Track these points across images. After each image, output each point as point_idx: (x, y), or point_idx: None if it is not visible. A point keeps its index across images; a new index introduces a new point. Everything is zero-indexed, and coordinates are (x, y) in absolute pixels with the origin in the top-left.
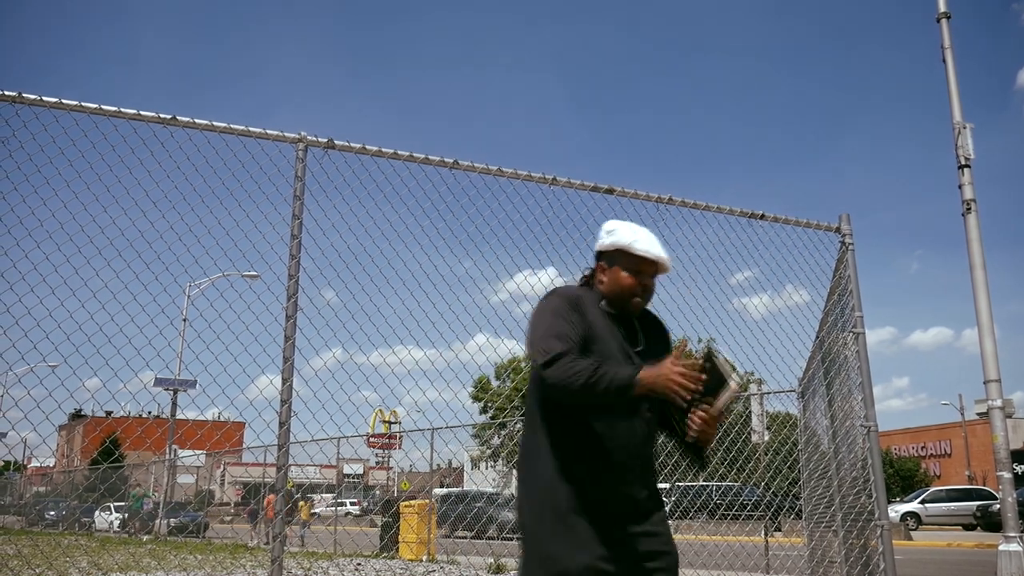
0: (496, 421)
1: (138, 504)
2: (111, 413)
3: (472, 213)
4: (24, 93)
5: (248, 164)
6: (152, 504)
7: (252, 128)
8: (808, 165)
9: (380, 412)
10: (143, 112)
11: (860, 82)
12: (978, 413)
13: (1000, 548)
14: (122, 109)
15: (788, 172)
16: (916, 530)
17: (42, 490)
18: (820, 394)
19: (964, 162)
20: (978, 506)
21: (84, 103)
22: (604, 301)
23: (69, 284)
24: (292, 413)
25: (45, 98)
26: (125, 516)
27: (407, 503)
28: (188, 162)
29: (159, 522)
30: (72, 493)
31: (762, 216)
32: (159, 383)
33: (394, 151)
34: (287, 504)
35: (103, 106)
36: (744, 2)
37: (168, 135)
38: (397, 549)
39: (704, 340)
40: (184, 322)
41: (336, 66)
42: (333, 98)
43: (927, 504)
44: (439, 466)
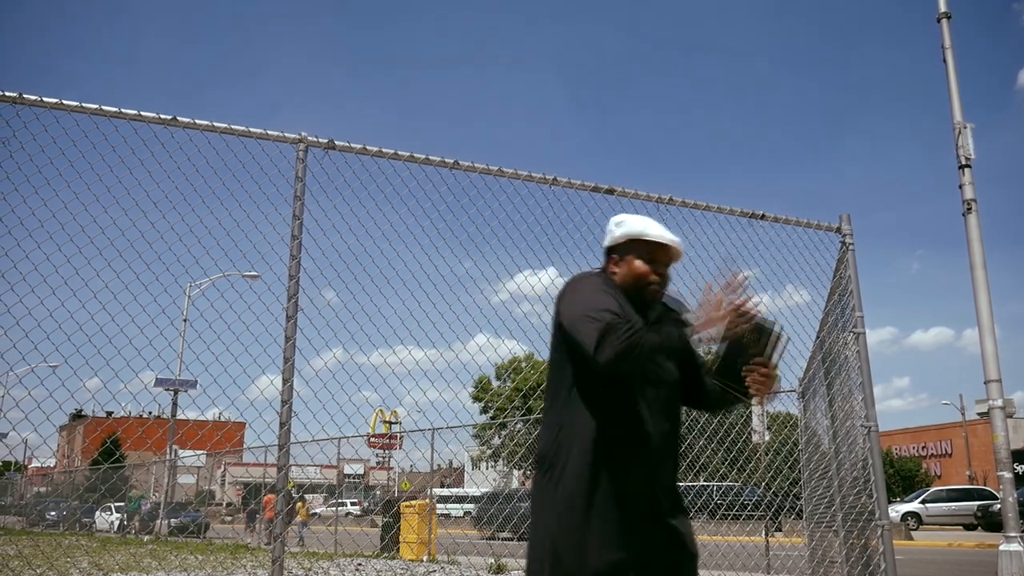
0: (496, 421)
1: (135, 505)
2: (112, 413)
3: (472, 213)
4: (24, 94)
5: (248, 164)
6: (150, 505)
7: (252, 128)
8: (808, 165)
9: (381, 412)
10: (144, 113)
11: (860, 82)
12: (979, 413)
13: (1001, 548)
14: (123, 110)
15: (788, 172)
16: (917, 530)
17: (43, 490)
18: (821, 394)
19: (964, 162)
20: (979, 506)
21: (84, 104)
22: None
23: (70, 284)
24: (293, 413)
25: (45, 99)
26: (123, 517)
27: (408, 503)
28: (189, 162)
29: (160, 522)
30: (73, 493)
31: (762, 216)
32: (160, 383)
33: (394, 151)
34: (287, 504)
35: (103, 107)
36: (744, 2)
37: (169, 135)
38: (398, 549)
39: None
40: (185, 322)
41: (336, 66)
42: (333, 98)
43: (928, 504)
44: (439, 466)
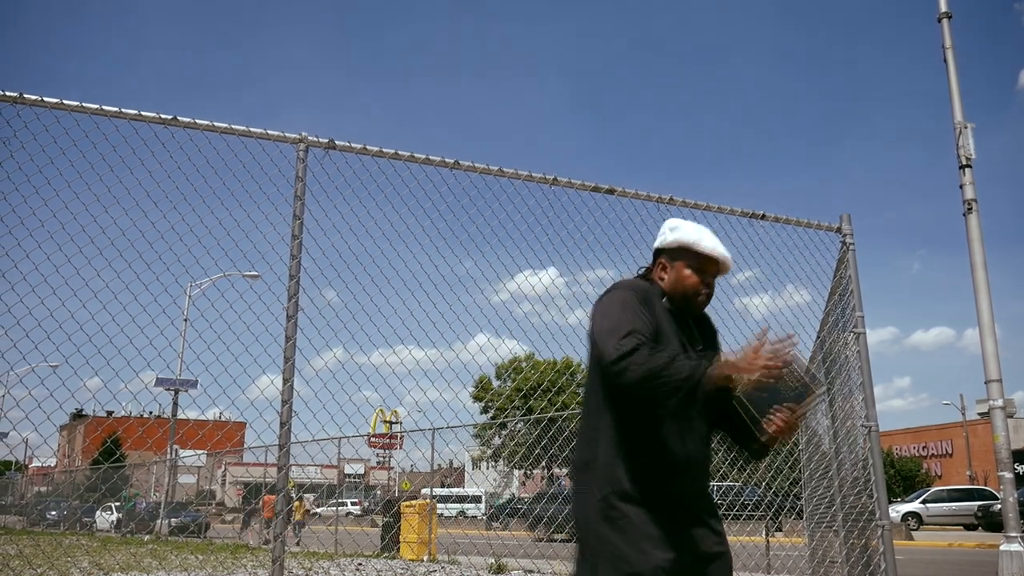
0: (497, 421)
1: (130, 504)
2: (112, 413)
3: (473, 213)
4: (25, 94)
5: (249, 164)
6: (144, 504)
7: (253, 128)
8: (808, 165)
9: (381, 412)
10: (144, 113)
11: (861, 82)
12: (979, 413)
13: (1001, 548)
14: (123, 110)
15: (788, 172)
16: (917, 530)
17: (43, 490)
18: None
19: (965, 162)
20: (979, 506)
21: (85, 103)
22: (665, 299)
23: (70, 284)
24: (293, 413)
25: (46, 99)
26: (120, 516)
27: (408, 503)
28: (189, 162)
29: (160, 522)
30: (73, 493)
31: (763, 216)
32: (160, 383)
33: (395, 151)
34: (287, 504)
35: (104, 107)
36: (744, 3)
37: (169, 135)
38: (398, 549)
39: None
40: (185, 322)
41: (338, 68)
42: (335, 100)
43: (928, 504)
44: (440, 466)
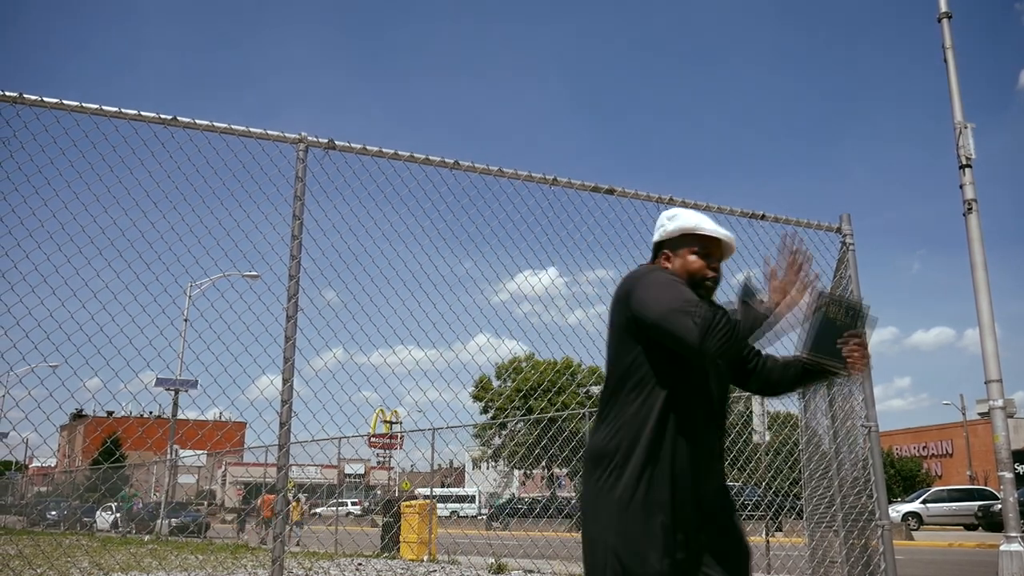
0: (497, 421)
1: (128, 504)
2: (112, 413)
3: (473, 213)
4: (25, 94)
5: (249, 164)
6: (141, 504)
7: (253, 128)
8: (808, 165)
9: (381, 412)
10: (144, 113)
11: (860, 82)
12: (979, 413)
13: (1001, 548)
14: (123, 110)
15: (788, 172)
16: (917, 530)
17: (43, 490)
18: (821, 394)
19: (965, 162)
20: (979, 506)
21: (85, 104)
22: None
23: (70, 284)
24: (293, 413)
25: (46, 99)
26: (118, 516)
27: (408, 503)
28: (189, 163)
29: (160, 522)
30: (73, 493)
31: (763, 216)
32: (160, 383)
33: (394, 151)
34: (286, 505)
35: (104, 107)
36: (744, 3)
37: (169, 136)
38: (398, 549)
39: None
40: (185, 322)
41: (338, 68)
42: (334, 100)
43: (928, 504)
44: (440, 466)
